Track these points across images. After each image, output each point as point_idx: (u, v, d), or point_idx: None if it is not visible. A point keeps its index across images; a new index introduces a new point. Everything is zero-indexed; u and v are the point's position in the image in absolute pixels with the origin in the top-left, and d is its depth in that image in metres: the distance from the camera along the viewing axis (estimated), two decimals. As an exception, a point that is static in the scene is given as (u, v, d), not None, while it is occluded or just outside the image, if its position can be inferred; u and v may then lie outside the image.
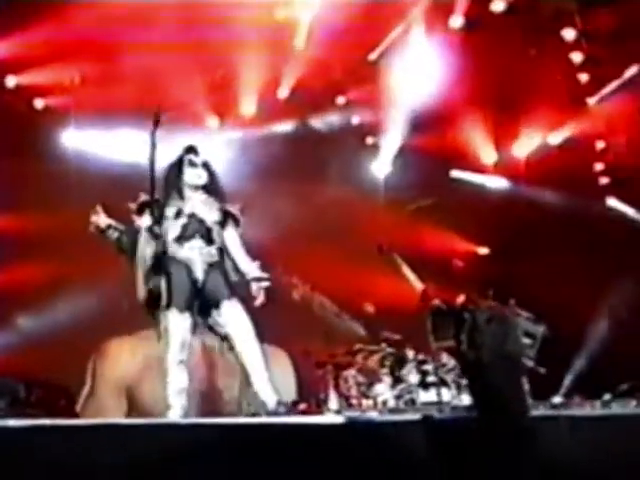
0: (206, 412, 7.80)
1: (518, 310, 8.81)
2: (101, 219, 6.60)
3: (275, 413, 6.38)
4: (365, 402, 8.68)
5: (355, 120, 11.40)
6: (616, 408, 8.06)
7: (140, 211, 6.73)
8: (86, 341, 9.12)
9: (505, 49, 10.33)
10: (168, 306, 6.49)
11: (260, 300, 6.70)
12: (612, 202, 11.66)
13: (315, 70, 10.17)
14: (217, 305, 6.56)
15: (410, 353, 8.96)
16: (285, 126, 11.01)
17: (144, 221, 6.65)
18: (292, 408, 6.62)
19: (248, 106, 10.58)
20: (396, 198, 11.05)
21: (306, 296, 8.54)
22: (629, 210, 11.69)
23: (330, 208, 10.45)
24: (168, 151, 6.71)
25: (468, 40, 10.24)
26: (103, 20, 8.99)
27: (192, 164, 6.77)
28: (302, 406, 7.45)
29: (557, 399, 8.69)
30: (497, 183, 11.65)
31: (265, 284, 6.74)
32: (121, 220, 6.66)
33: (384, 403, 8.59)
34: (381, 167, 11.34)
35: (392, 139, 11.19)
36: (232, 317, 6.57)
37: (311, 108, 10.84)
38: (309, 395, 8.59)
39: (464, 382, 8.53)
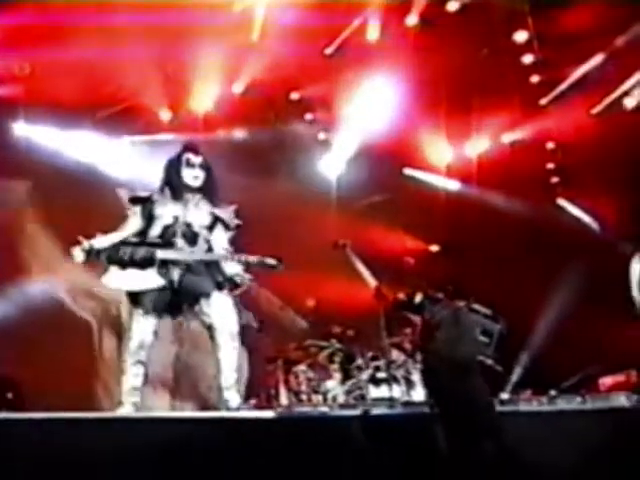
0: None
1: (477, 307, 8.93)
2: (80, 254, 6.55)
3: (234, 410, 6.40)
4: (315, 397, 8.70)
5: (308, 116, 11.40)
6: (561, 404, 8.18)
7: (132, 203, 6.71)
8: (36, 333, 9.04)
9: (459, 49, 10.38)
10: (136, 306, 6.50)
11: (243, 289, 6.86)
12: (561, 202, 11.83)
13: (270, 64, 10.13)
14: (207, 295, 6.54)
15: (360, 349, 9.01)
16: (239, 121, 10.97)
17: (134, 215, 6.63)
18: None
19: (202, 100, 10.52)
20: (348, 195, 11.14)
21: (253, 291, 8.53)
22: (576, 210, 11.87)
23: (280, 203, 10.42)
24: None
25: (423, 39, 10.28)
26: (51, 8, 8.86)
27: (190, 164, 6.72)
28: (252, 401, 7.47)
29: (505, 395, 8.80)
30: (449, 182, 11.73)
31: (247, 277, 6.75)
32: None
33: (334, 399, 8.61)
34: (333, 164, 11.34)
35: (345, 136, 11.20)
36: (219, 309, 6.55)
37: (266, 103, 10.78)
38: (259, 390, 8.57)
39: (414, 378, 8.62)
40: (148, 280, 6.49)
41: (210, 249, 6.69)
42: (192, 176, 6.70)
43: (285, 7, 9.60)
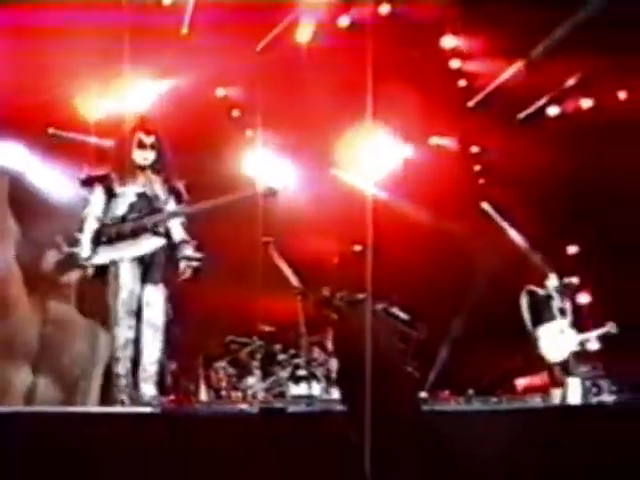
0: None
1: (395, 311, 9.02)
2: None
3: (149, 405, 6.34)
4: (235, 394, 8.70)
5: (235, 113, 11.35)
6: (477, 404, 8.32)
7: (88, 184, 6.62)
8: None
9: (389, 52, 10.42)
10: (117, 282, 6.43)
11: (185, 276, 6.67)
12: (485, 206, 12.03)
13: (199, 60, 10.07)
14: (142, 287, 6.50)
15: (281, 347, 9.03)
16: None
17: (97, 194, 6.55)
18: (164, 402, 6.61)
19: (130, 97, 10.37)
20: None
21: None
22: (497, 216, 12.07)
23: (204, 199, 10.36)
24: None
25: (353, 41, 10.30)
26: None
27: (141, 145, 6.66)
28: (171, 397, 7.43)
29: (422, 394, 8.90)
30: (375, 184, 11.79)
31: (195, 264, 6.70)
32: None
33: (254, 396, 8.62)
34: (259, 162, 11.31)
35: (272, 134, 11.18)
36: (150, 299, 6.49)
37: (193, 98, 10.69)
38: (179, 386, 8.54)
39: (334, 376, 8.66)
40: (145, 245, 6.48)
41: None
42: (142, 157, 6.66)
43: (216, 1, 9.54)
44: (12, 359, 7.78)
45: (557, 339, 9.57)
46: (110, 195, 6.61)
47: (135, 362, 6.52)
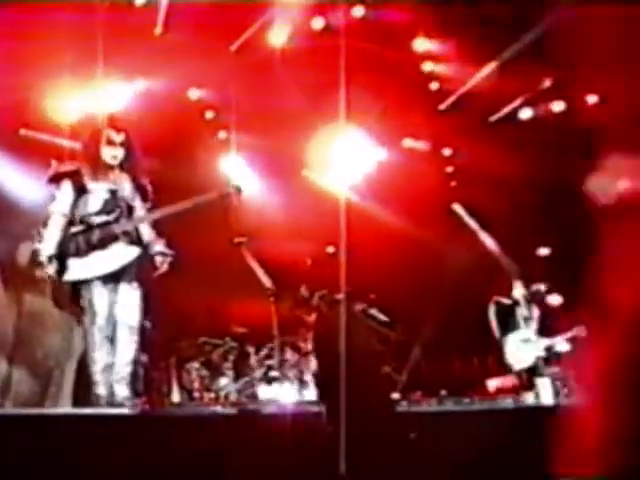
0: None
1: (374, 313, 9.05)
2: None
3: (119, 405, 6.31)
4: (207, 395, 8.69)
5: (209, 114, 11.33)
6: (450, 405, 8.36)
7: (55, 180, 6.56)
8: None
9: (361, 54, 10.45)
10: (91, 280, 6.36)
11: (162, 271, 6.64)
12: (457, 208, 12.07)
13: (172, 59, 10.04)
14: (116, 288, 6.46)
15: (254, 348, 9.03)
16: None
17: (64, 190, 6.50)
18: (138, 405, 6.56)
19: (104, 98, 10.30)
20: (248, 196, 11.11)
21: None
22: (468, 218, 12.13)
23: (178, 201, 10.32)
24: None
25: (326, 42, 10.32)
26: None
27: (110, 142, 6.61)
28: (143, 399, 7.38)
29: (395, 395, 8.92)
30: (347, 186, 11.80)
31: (169, 259, 6.67)
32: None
33: (226, 397, 8.61)
34: (232, 164, 11.30)
35: (245, 136, 11.17)
36: (125, 300, 6.45)
37: (167, 98, 10.65)
38: (152, 387, 8.50)
39: (307, 378, 8.68)
40: (117, 257, 6.41)
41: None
42: (111, 156, 6.60)
43: (190, 1, 9.52)
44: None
45: (521, 348, 9.77)
46: (80, 191, 6.54)
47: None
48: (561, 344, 9.90)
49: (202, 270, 9.62)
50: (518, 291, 10.10)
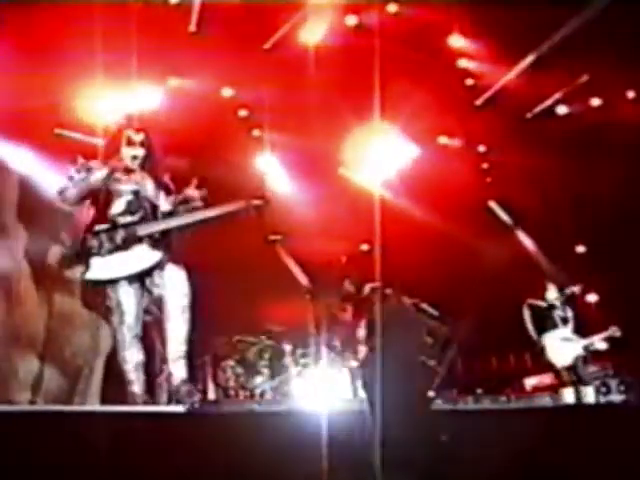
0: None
1: (424, 307, 9.00)
2: None
3: (177, 391, 6.34)
4: (242, 393, 8.68)
5: (242, 113, 11.33)
6: (487, 403, 8.29)
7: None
8: None
9: (396, 51, 10.41)
10: (117, 280, 6.40)
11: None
12: (492, 205, 12.03)
13: (206, 58, 10.05)
14: (161, 267, 6.47)
15: (290, 346, 9.01)
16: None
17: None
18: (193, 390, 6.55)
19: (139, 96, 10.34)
20: (282, 194, 11.13)
21: None
22: (504, 215, 12.07)
23: (212, 201, 10.35)
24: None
25: (361, 40, 10.30)
26: None
27: (130, 143, 6.63)
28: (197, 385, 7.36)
29: (431, 393, 8.85)
30: (382, 183, 11.78)
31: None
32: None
33: (262, 395, 8.60)
34: (267, 161, 11.30)
35: (278, 135, 11.17)
36: (173, 280, 6.47)
37: (200, 97, 10.67)
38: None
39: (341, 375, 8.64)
40: (140, 259, 6.43)
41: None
42: (131, 156, 6.62)
43: (223, 0, 9.53)
44: (20, 349, 7.84)
45: (561, 347, 9.82)
46: (107, 192, 6.59)
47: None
48: (599, 343, 9.88)
49: (237, 268, 9.63)
50: (552, 293, 10.15)
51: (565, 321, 10.04)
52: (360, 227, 11.16)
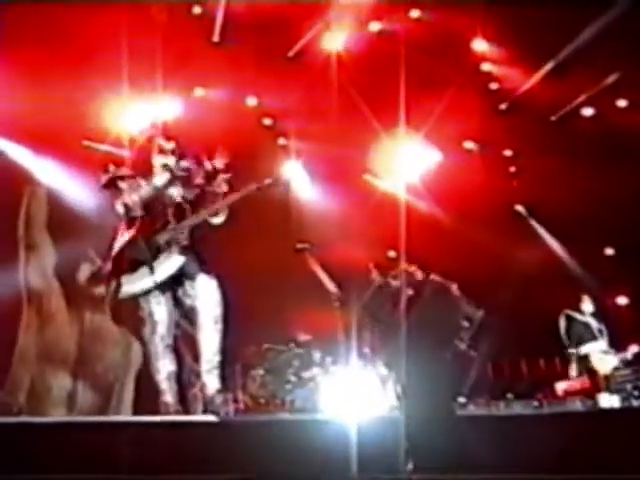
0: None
1: (460, 294, 8.97)
2: None
3: (211, 401, 6.36)
4: (273, 402, 8.67)
5: (267, 122, 11.34)
6: (518, 408, 8.25)
7: (110, 185, 6.64)
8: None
9: (419, 56, 10.40)
10: (149, 291, 6.43)
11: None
12: (519, 209, 11.97)
13: (230, 67, 10.09)
14: (192, 277, 6.49)
15: (318, 354, 8.99)
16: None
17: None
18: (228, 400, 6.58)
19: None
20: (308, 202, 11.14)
21: None
22: (531, 219, 12.01)
23: (240, 209, 10.37)
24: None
25: (384, 46, 10.30)
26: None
27: (161, 151, 6.69)
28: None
29: (461, 399, 8.83)
30: (407, 189, 11.74)
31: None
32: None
33: (292, 403, 8.59)
34: (293, 169, 11.29)
35: (303, 142, 11.17)
36: (205, 291, 6.51)
37: (225, 106, 10.69)
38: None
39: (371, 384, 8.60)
40: (163, 268, 6.46)
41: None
42: (162, 162, 6.66)
43: (247, 8, 9.55)
44: (53, 367, 7.91)
45: (602, 358, 9.82)
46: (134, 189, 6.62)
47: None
48: (630, 356, 9.93)
49: (266, 276, 9.64)
50: (587, 305, 10.17)
51: (601, 333, 10.08)
52: (387, 233, 11.19)
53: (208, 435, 5.70)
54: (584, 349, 9.85)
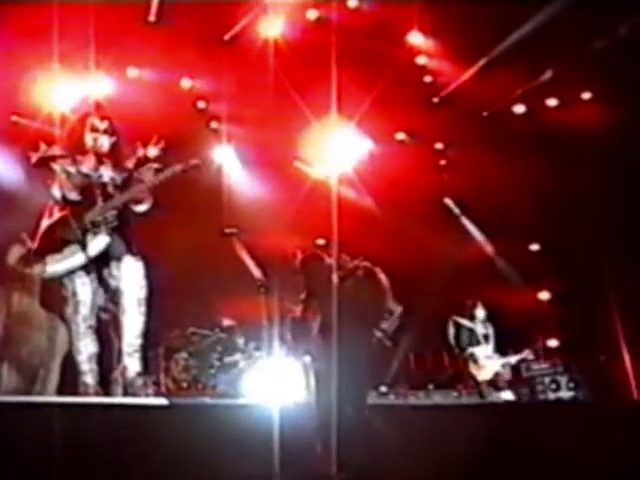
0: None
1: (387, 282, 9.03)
2: None
3: (131, 383, 6.33)
4: (195, 386, 8.66)
5: (201, 105, 11.28)
6: (437, 398, 8.37)
7: (42, 163, 6.55)
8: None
9: (355, 47, 10.42)
10: (74, 270, 6.35)
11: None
12: (448, 202, 12.11)
13: (165, 47, 10.00)
14: (118, 258, 6.44)
15: (243, 339, 9.01)
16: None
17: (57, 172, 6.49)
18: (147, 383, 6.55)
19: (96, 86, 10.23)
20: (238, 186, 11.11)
21: None
22: (459, 213, 12.15)
23: (170, 190, 10.31)
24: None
25: (320, 34, 10.29)
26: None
27: (93, 129, 6.60)
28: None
29: (383, 388, 8.92)
30: (337, 178, 11.78)
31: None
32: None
33: (213, 388, 8.59)
34: (224, 153, 11.25)
35: (235, 127, 11.14)
36: (129, 273, 6.46)
37: (158, 88, 10.59)
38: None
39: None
40: (89, 247, 6.39)
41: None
42: (94, 141, 6.60)
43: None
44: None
45: (484, 363, 9.99)
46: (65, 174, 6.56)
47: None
48: (513, 362, 10.23)
49: (192, 260, 9.60)
50: (478, 312, 10.37)
51: (486, 339, 10.26)
52: (316, 221, 11.23)
53: (126, 418, 5.68)
54: (468, 353, 10.05)
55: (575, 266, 10.97)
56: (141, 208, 6.84)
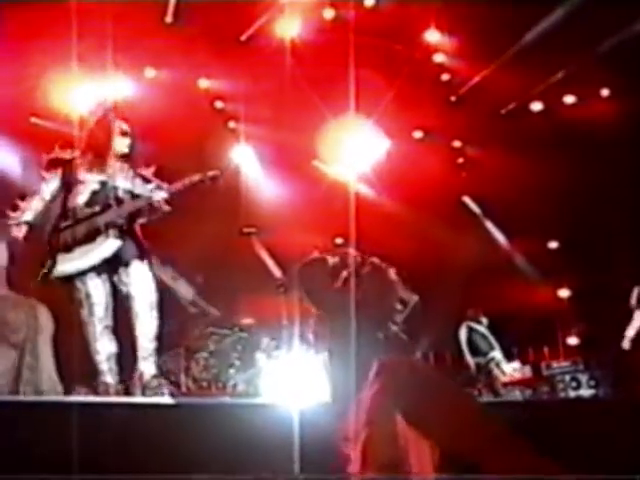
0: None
1: (397, 277, 9.03)
2: None
3: (148, 386, 6.33)
4: (215, 385, 8.67)
5: (219, 104, 11.31)
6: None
7: (52, 166, 6.57)
8: None
9: (372, 45, 10.42)
10: (84, 272, 6.37)
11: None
12: (466, 200, 12.10)
13: (182, 48, 10.03)
14: (127, 264, 6.44)
15: (263, 338, 9.00)
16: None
17: (51, 179, 6.52)
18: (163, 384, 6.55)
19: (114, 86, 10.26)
20: (257, 185, 11.13)
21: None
22: (478, 211, 12.14)
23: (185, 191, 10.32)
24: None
25: (337, 33, 10.29)
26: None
27: (123, 133, 6.62)
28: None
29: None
30: (357, 177, 11.79)
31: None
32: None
33: (234, 387, 8.59)
34: (243, 153, 11.27)
35: (253, 127, 11.16)
36: (138, 277, 6.45)
37: (176, 88, 10.62)
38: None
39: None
40: (100, 250, 6.41)
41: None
42: (124, 145, 6.63)
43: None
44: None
45: (502, 365, 10.20)
46: (70, 182, 6.56)
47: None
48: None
49: (212, 260, 9.62)
50: (483, 319, 10.58)
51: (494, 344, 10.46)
52: (334, 220, 11.20)
53: (144, 417, 5.68)
54: (485, 359, 10.21)
55: (595, 263, 10.94)
56: (154, 216, 6.82)
